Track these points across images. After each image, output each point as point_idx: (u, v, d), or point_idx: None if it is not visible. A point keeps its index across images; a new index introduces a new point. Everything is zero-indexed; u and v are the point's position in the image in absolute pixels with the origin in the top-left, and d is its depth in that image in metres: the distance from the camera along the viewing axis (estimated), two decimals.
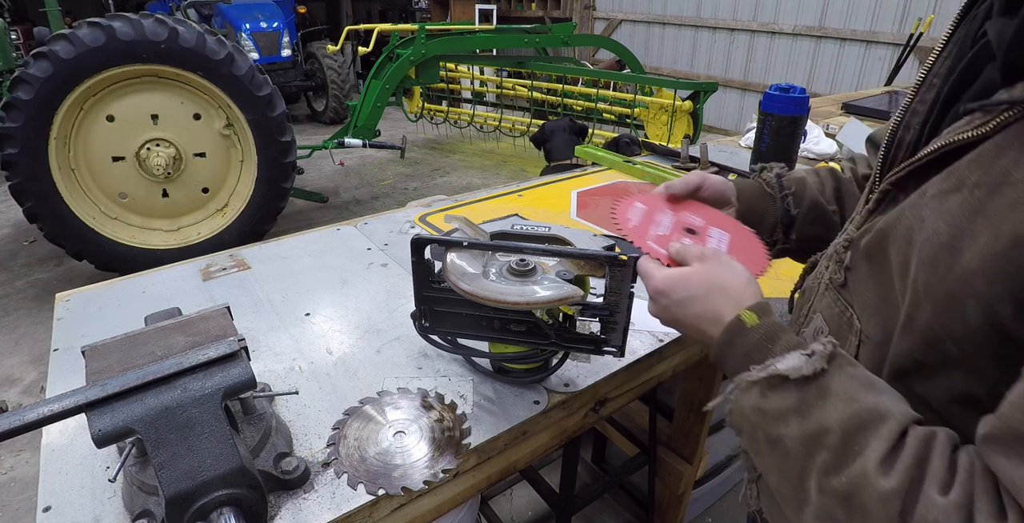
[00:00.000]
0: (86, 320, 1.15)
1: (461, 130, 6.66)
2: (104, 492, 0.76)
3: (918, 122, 0.62)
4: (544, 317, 0.83)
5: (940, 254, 0.49)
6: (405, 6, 11.07)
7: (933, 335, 0.51)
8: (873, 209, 0.63)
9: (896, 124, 0.65)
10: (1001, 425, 0.43)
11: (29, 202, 3.09)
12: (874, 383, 0.53)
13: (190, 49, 3.07)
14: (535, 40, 5.24)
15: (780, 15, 6.41)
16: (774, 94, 1.77)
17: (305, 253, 1.40)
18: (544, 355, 0.92)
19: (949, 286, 0.49)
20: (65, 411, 0.58)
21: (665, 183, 0.84)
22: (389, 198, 5.20)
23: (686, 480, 1.68)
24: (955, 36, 0.62)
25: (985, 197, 0.48)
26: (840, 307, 0.65)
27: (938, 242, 0.50)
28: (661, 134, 4.63)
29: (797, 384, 0.53)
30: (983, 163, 0.49)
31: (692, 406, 1.59)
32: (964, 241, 0.48)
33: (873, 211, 0.63)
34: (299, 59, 7.41)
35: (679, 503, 1.76)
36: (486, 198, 1.74)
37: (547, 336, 0.85)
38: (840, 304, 0.65)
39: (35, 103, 2.91)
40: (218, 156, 3.49)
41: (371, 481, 0.75)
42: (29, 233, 4.26)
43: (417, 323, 0.91)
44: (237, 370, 0.66)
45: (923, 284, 0.51)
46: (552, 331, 0.84)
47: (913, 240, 0.53)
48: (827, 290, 0.68)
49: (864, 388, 0.52)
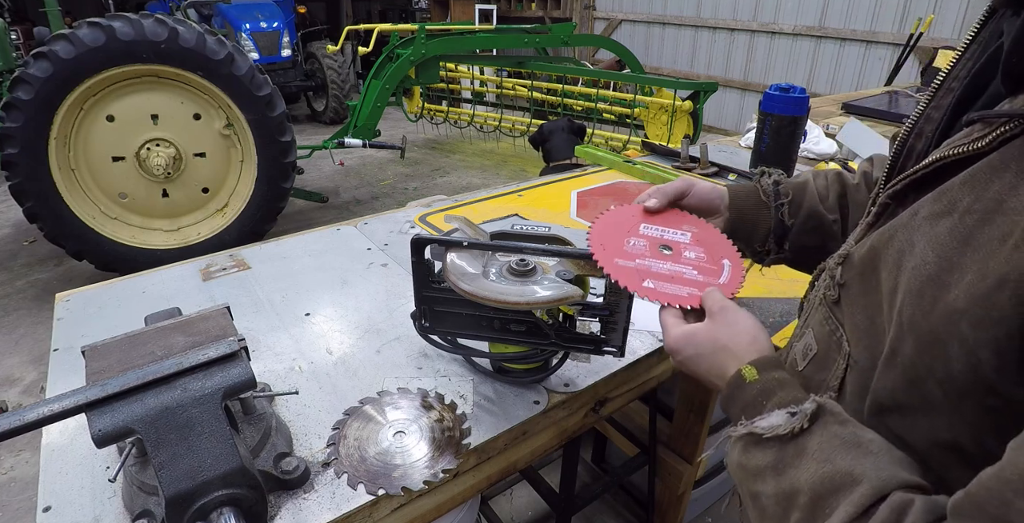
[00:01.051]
0: (86, 320, 1.15)
1: (461, 130, 6.66)
2: (104, 492, 0.76)
3: (931, 129, 0.58)
4: (544, 317, 0.83)
5: (927, 287, 0.46)
6: (405, 6, 11.07)
7: (916, 374, 0.48)
8: (872, 222, 0.60)
9: (908, 131, 0.60)
10: (967, 502, 0.40)
11: (29, 202, 3.09)
12: (860, 443, 0.50)
13: (190, 49, 3.07)
14: (535, 40, 5.24)
15: (780, 15, 6.41)
16: (774, 94, 1.77)
17: (305, 253, 1.40)
18: (544, 355, 0.92)
19: (934, 323, 0.45)
20: (65, 411, 0.58)
21: (648, 192, 0.80)
22: (389, 198, 5.20)
23: (686, 480, 1.68)
24: (980, 35, 0.57)
25: (975, 226, 0.44)
26: (831, 326, 0.62)
27: (926, 273, 0.47)
28: (661, 134, 4.63)
29: (780, 442, 0.53)
30: (976, 185, 0.46)
31: (692, 406, 1.59)
32: (953, 275, 0.45)
33: (872, 225, 0.60)
34: (299, 59, 7.41)
35: (679, 503, 1.76)
36: (486, 198, 1.74)
37: (547, 336, 0.85)
38: (832, 323, 0.62)
39: (35, 103, 2.91)
40: (218, 156, 3.49)
41: (371, 481, 0.75)
42: (29, 233, 4.26)
43: (417, 323, 0.91)
44: (237, 370, 0.66)
45: (908, 316, 0.48)
46: (552, 331, 0.84)
47: (903, 266, 0.50)
48: (821, 305, 0.65)
49: (845, 449, 0.50)
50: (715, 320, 0.65)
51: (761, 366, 0.59)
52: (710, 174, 1.88)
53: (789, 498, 0.50)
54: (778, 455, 0.52)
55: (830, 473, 0.48)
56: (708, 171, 1.88)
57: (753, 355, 0.61)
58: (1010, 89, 0.47)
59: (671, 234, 0.76)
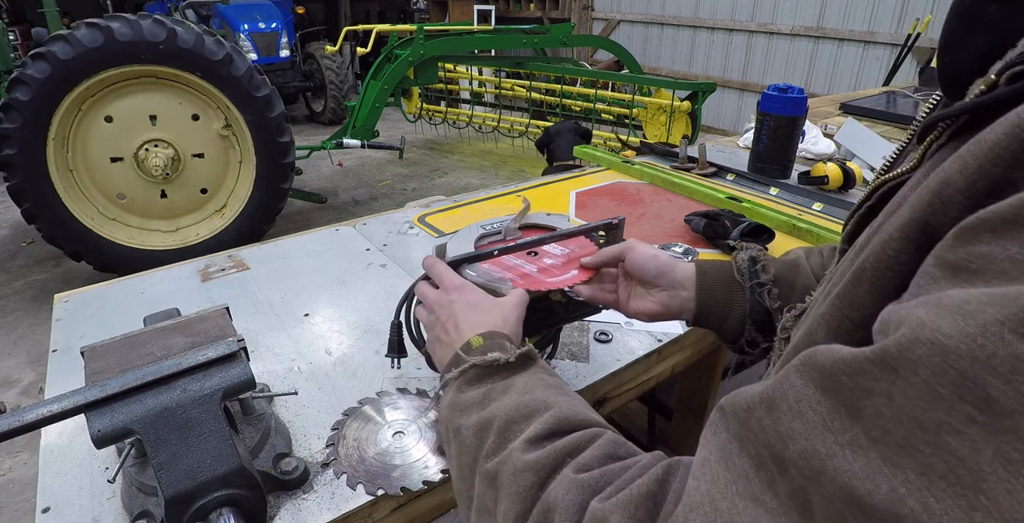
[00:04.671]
0: (85, 321, 1.15)
1: (460, 131, 6.66)
2: (103, 493, 0.76)
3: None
4: (559, 297, 0.85)
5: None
6: (403, 7, 11.06)
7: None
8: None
9: (894, 155, 0.51)
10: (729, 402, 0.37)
11: (27, 203, 3.08)
12: (560, 387, 0.56)
13: (188, 50, 3.07)
14: (533, 40, 5.24)
15: (778, 15, 6.42)
16: (772, 94, 1.77)
17: (304, 254, 1.40)
18: (546, 343, 0.93)
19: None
20: (64, 412, 0.58)
21: (581, 259, 0.81)
22: (388, 199, 5.20)
23: None
24: None
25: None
26: None
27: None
28: (659, 134, 4.63)
29: (491, 381, 0.57)
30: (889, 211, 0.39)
31: (691, 406, 1.59)
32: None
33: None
34: (297, 60, 7.40)
35: None
36: (485, 198, 1.74)
37: (558, 315, 0.86)
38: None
39: (33, 104, 2.91)
40: (217, 157, 3.49)
41: (370, 481, 0.75)
42: (27, 234, 4.25)
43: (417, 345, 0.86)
44: (236, 371, 0.66)
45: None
46: (563, 309, 0.86)
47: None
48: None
49: (546, 387, 0.54)
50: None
51: (488, 335, 0.63)
52: (708, 174, 1.88)
53: (486, 425, 0.53)
54: (487, 391, 0.56)
55: (527, 401, 0.52)
56: (706, 171, 1.89)
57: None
58: (949, 94, 0.41)
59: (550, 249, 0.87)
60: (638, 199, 1.73)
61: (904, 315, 0.28)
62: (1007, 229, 0.26)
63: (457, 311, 0.67)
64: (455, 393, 0.59)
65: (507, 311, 0.67)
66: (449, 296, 0.70)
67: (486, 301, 0.68)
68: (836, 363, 0.30)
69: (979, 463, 0.23)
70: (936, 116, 0.38)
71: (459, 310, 0.67)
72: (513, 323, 0.66)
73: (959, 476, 0.24)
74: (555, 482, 0.43)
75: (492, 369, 0.58)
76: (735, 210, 1.51)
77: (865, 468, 0.26)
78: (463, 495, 0.54)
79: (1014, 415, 0.23)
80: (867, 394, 0.28)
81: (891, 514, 0.25)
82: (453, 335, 0.65)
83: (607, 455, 0.45)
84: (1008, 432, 0.23)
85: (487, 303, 0.68)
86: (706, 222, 1.39)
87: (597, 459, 0.44)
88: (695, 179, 1.79)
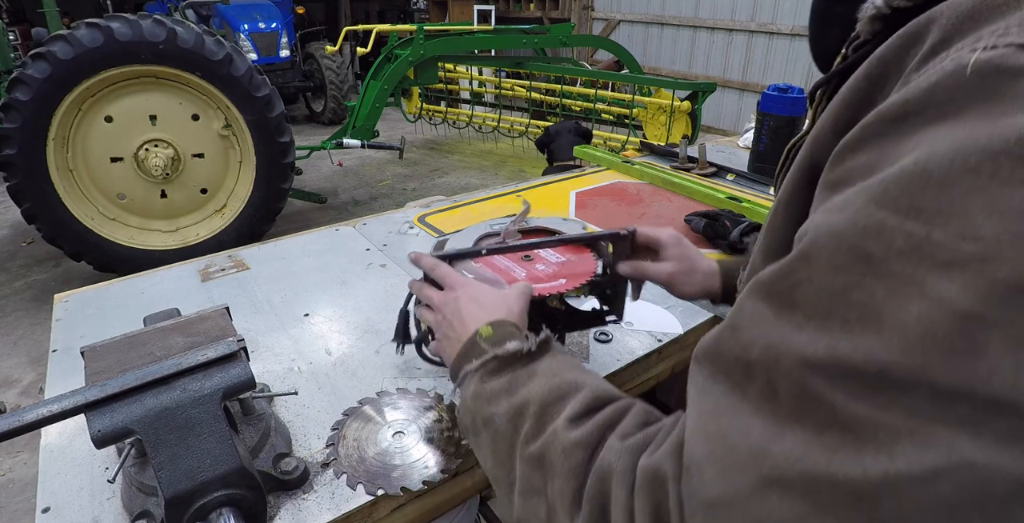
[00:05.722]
0: (85, 321, 1.15)
1: (460, 131, 6.66)
2: (103, 493, 0.76)
3: None
4: (557, 305, 0.84)
5: None
6: (403, 7, 11.07)
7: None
8: None
9: None
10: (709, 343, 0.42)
11: (27, 203, 3.08)
12: (582, 367, 0.59)
13: (188, 50, 3.07)
14: (533, 40, 5.24)
15: (778, 15, 6.42)
16: (772, 94, 1.78)
17: (304, 254, 1.40)
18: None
19: None
20: (64, 412, 0.58)
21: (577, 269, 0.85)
22: (388, 199, 5.20)
23: None
24: None
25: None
26: None
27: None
28: (659, 135, 4.63)
29: (513, 369, 0.59)
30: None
31: None
32: None
33: None
34: (297, 60, 7.40)
35: None
36: (485, 198, 1.74)
37: (558, 322, 0.85)
38: None
39: (33, 104, 2.90)
40: (217, 157, 3.49)
41: (370, 481, 0.75)
42: (27, 234, 4.25)
43: (417, 347, 0.86)
44: (236, 371, 0.66)
45: None
46: (563, 316, 0.86)
47: None
48: None
49: (571, 368, 0.58)
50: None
51: (496, 324, 0.65)
52: (708, 174, 1.88)
53: (521, 410, 0.54)
54: (511, 378, 0.58)
55: (557, 383, 0.55)
56: (706, 171, 1.89)
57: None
58: (823, 69, 0.51)
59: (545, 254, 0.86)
60: (638, 199, 1.73)
61: (808, 225, 0.37)
62: (858, 148, 0.36)
63: (462, 306, 0.69)
64: (478, 384, 0.60)
65: (511, 302, 0.69)
66: (453, 293, 0.71)
67: (489, 293, 0.71)
68: (771, 274, 0.37)
69: (875, 301, 0.31)
70: (815, 84, 0.50)
71: (464, 304, 0.69)
72: (518, 313, 0.68)
73: (867, 316, 0.31)
74: (603, 452, 0.47)
75: (514, 358, 0.60)
76: (735, 210, 1.51)
77: (809, 337, 0.33)
78: (502, 481, 0.55)
79: (888, 262, 0.31)
80: (796, 286, 0.35)
81: (830, 359, 0.32)
82: (459, 329, 0.67)
83: (643, 422, 0.49)
84: (886, 275, 0.31)
85: (490, 295, 0.70)
86: (706, 222, 1.39)
87: (636, 426, 0.48)
88: (695, 179, 1.79)
